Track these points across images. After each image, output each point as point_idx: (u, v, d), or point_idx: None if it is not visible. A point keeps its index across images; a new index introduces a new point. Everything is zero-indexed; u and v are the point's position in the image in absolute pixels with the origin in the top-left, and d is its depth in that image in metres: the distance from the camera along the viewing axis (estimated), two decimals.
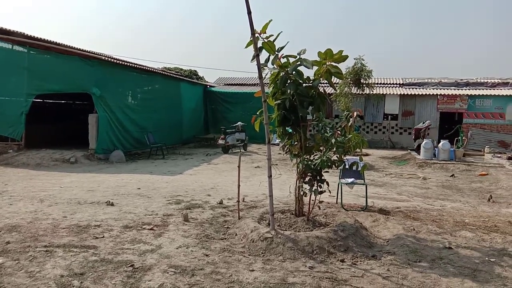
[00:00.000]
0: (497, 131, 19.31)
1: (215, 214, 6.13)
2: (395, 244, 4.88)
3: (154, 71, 17.90)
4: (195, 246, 4.58)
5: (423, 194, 8.98)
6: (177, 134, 18.65)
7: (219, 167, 12.41)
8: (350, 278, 3.82)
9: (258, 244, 4.64)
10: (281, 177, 9.11)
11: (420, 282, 3.76)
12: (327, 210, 6.16)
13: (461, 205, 7.74)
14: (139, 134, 15.17)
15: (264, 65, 4.98)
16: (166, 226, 5.43)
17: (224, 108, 21.96)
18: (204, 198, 7.37)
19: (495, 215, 6.70)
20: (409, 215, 6.50)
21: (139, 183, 8.87)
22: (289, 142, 5.59)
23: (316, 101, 5.30)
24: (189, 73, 30.31)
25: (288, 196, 6.91)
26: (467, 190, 9.63)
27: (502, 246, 4.89)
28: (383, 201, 7.70)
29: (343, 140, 5.33)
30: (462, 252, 4.65)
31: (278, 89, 5.28)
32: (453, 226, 5.85)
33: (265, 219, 5.57)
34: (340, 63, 5.12)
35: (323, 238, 4.70)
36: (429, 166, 13.31)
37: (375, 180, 10.66)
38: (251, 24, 4.50)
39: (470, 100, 19.77)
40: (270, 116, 5.39)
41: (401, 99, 20.62)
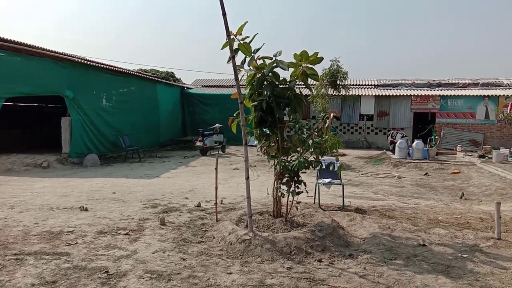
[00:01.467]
0: (468, 130, 19.95)
1: (192, 217, 6.06)
2: (371, 243, 4.95)
3: (129, 73, 17.61)
4: (172, 250, 4.51)
5: (398, 192, 9.16)
6: (154, 137, 18.40)
7: (197, 169, 12.31)
8: (328, 277, 3.85)
9: (236, 247, 4.62)
10: (259, 178, 9.13)
11: (396, 279, 3.82)
12: (305, 211, 6.20)
13: (434, 202, 7.94)
14: (114, 137, 14.87)
15: (241, 67, 4.98)
16: (142, 230, 5.33)
17: (201, 110, 21.81)
18: (182, 201, 7.28)
19: (467, 212, 6.91)
20: (385, 214, 6.62)
21: (115, 187, 8.70)
22: (266, 143, 5.60)
23: (293, 103, 5.33)
24: (166, 74, 30.01)
25: (266, 197, 6.92)
26: (440, 188, 9.89)
27: (474, 242, 5.03)
28: (359, 201, 7.82)
29: (320, 141, 5.38)
30: (435, 249, 4.76)
31: (254, 91, 5.29)
32: (427, 223, 6.00)
33: (243, 221, 5.55)
34: (315, 64, 5.18)
35: (301, 238, 4.73)
36: (403, 165, 13.60)
37: (352, 180, 10.81)
38: (226, 26, 4.48)
39: (442, 101, 20.34)
40: (247, 118, 5.39)
41: (376, 100, 21.01)
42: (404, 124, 20.68)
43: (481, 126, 19.86)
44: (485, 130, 19.77)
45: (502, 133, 19.50)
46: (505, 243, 5.00)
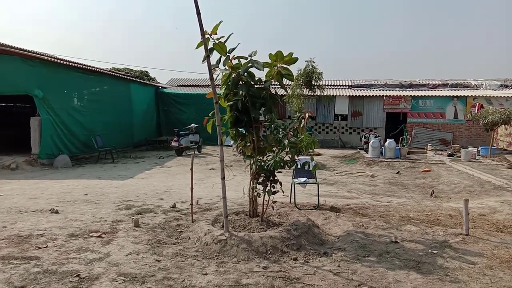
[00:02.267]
0: (438, 129, 20.60)
1: (167, 218, 5.99)
2: (345, 240, 5.03)
3: (102, 72, 17.20)
4: (146, 252, 4.45)
5: (371, 191, 9.35)
6: (127, 137, 18.06)
7: (173, 170, 12.17)
8: (303, 276, 3.89)
9: (212, 247, 4.60)
10: (236, 178, 9.11)
11: (369, 276, 3.90)
12: (280, 210, 6.25)
13: (406, 200, 8.15)
14: (86, 137, 14.51)
15: (216, 66, 4.96)
16: (115, 233, 5.23)
17: (177, 109, 21.58)
18: (157, 202, 7.18)
19: (437, 209, 7.12)
20: (358, 212, 6.75)
21: (86, 188, 8.48)
22: (242, 143, 5.60)
23: (268, 103, 5.35)
24: (140, 74, 29.50)
25: (242, 197, 6.92)
26: (411, 186, 10.16)
27: (443, 239, 5.20)
28: (334, 199, 7.93)
29: (296, 141, 5.42)
30: (407, 245, 4.89)
31: (230, 91, 5.27)
32: (399, 221, 6.15)
33: (219, 221, 5.54)
34: (290, 65, 5.21)
35: (276, 237, 4.75)
36: (376, 164, 13.90)
37: (327, 179, 10.96)
38: (200, 25, 4.46)
39: (414, 101, 20.92)
40: (223, 118, 5.38)
41: (350, 100, 21.38)
42: (377, 124, 21.14)
43: (450, 126, 20.56)
44: (454, 130, 20.47)
45: (470, 132, 20.25)
46: (473, 239, 5.19)
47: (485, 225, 5.98)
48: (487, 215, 6.61)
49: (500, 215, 6.55)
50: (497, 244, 5.00)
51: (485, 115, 16.02)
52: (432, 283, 3.75)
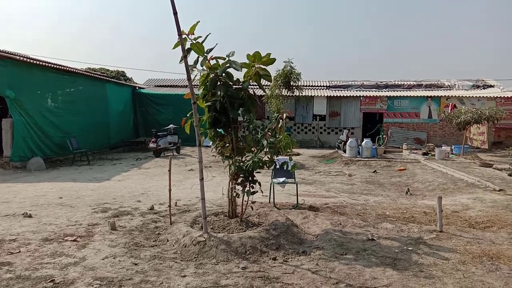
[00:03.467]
0: (413, 129, 21.11)
1: (145, 221, 5.91)
2: (323, 239, 5.09)
3: (76, 72, 16.80)
4: (123, 256, 4.37)
5: (349, 190, 9.49)
6: (104, 138, 17.71)
7: (150, 171, 12.01)
8: (282, 275, 3.91)
9: (191, 249, 4.56)
10: (215, 179, 9.08)
11: (346, 274, 3.96)
12: (260, 210, 6.26)
13: (382, 198, 8.32)
14: (61, 139, 14.15)
15: (193, 67, 4.93)
16: (91, 236, 5.12)
17: (155, 110, 21.31)
18: (134, 204, 7.08)
19: (412, 207, 7.30)
20: (336, 211, 6.84)
21: (61, 192, 8.27)
22: (220, 144, 5.58)
23: (247, 103, 5.36)
24: (116, 74, 28.98)
25: (221, 198, 6.91)
26: (387, 185, 10.37)
27: (418, 235, 5.33)
28: (313, 198, 8.01)
29: (274, 141, 5.45)
30: (383, 243, 4.99)
31: (208, 91, 5.25)
32: (375, 218, 6.27)
33: (198, 223, 5.50)
34: (268, 65, 5.24)
35: (255, 238, 4.76)
36: (354, 163, 14.11)
37: (306, 179, 11.05)
38: (177, 25, 4.42)
39: (389, 101, 21.36)
40: (201, 118, 5.35)
41: (328, 101, 21.64)
42: (354, 123, 21.48)
43: (425, 125, 21.09)
44: (429, 129, 21.01)
45: (444, 131, 20.83)
46: (446, 235, 5.34)
47: (458, 221, 6.16)
48: (460, 212, 6.82)
49: (473, 212, 6.77)
50: (469, 240, 5.16)
51: (458, 115, 16.51)
52: (408, 279, 3.84)
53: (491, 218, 6.21)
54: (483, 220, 6.17)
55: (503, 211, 6.63)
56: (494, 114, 15.70)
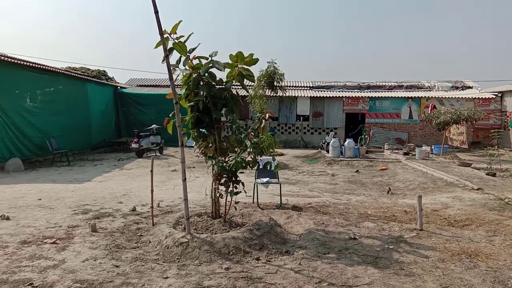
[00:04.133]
0: (395, 129, 21.46)
1: (127, 222, 5.83)
2: (306, 239, 5.12)
3: (56, 71, 16.44)
4: (104, 258, 4.30)
5: (331, 189, 9.58)
6: (84, 139, 17.40)
7: (133, 172, 11.86)
8: (265, 275, 3.91)
9: (173, 250, 4.52)
10: (198, 179, 9.03)
11: (329, 273, 3.99)
12: (243, 210, 6.26)
13: (364, 198, 8.42)
14: (40, 140, 13.83)
15: (176, 66, 4.89)
16: (71, 238, 5.02)
17: (137, 110, 21.04)
18: (115, 205, 6.97)
19: (393, 206, 7.41)
20: (320, 210, 6.89)
21: (40, 193, 8.09)
22: (203, 144, 5.55)
23: (230, 103, 5.35)
24: (98, 73, 28.48)
25: (205, 198, 6.87)
26: (369, 184, 10.51)
27: (399, 234, 5.42)
28: (296, 198, 8.05)
29: (258, 141, 5.45)
30: (365, 241, 5.05)
31: (190, 91, 5.22)
32: (357, 218, 6.34)
33: (181, 224, 5.46)
34: (251, 65, 5.24)
35: (239, 238, 4.75)
36: (337, 163, 14.25)
37: (289, 179, 11.10)
38: (158, 24, 4.37)
39: (371, 102, 21.66)
40: (184, 118, 5.31)
41: (311, 101, 21.79)
42: (337, 124, 21.69)
43: (406, 126, 21.47)
44: (409, 129, 21.39)
45: (424, 131, 21.24)
46: (426, 234, 5.44)
47: (438, 220, 6.29)
48: (440, 210, 6.96)
49: (452, 210, 6.92)
50: (448, 238, 5.27)
51: (437, 115, 16.88)
52: (389, 277, 3.90)
53: (469, 217, 6.36)
54: (462, 218, 6.32)
55: (481, 210, 6.80)
56: (472, 114, 16.11)
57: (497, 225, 5.83)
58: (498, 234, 5.42)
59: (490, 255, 4.55)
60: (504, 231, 5.50)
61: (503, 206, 7.00)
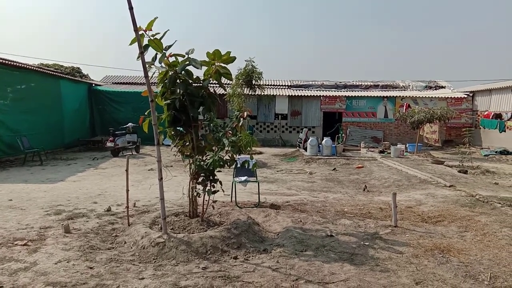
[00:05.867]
0: (371, 128, 21.84)
1: (101, 223, 5.71)
2: (284, 237, 5.15)
3: (28, 68, 15.90)
4: (77, 259, 4.19)
5: (309, 187, 9.65)
6: (58, 137, 16.92)
7: (108, 171, 11.61)
8: (242, 274, 3.90)
9: (150, 250, 4.46)
10: (176, 178, 8.94)
11: (306, 270, 4.02)
12: (221, 209, 6.23)
13: (341, 195, 8.53)
14: (10, 139, 13.35)
15: (151, 64, 4.81)
16: (43, 240, 4.87)
17: (112, 108, 20.60)
18: (90, 206, 6.81)
19: (369, 203, 7.54)
20: (297, 208, 6.93)
21: (11, 194, 7.81)
22: (180, 143, 5.49)
23: (207, 101, 5.30)
24: (71, 70, 27.74)
25: (182, 197, 6.81)
26: (346, 182, 10.65)
27: (374, 230, 5.52)
28: (274, 197, 8.08)
29: (236, 140, 5.44)
30: (341, 238, 5.12)
31: (167, 89, 5.15)
32: (334, 215, 6.42)
33: (157, 224, 5.39)
34: (228, 64, 5.20)
35: (217, 237, 4.73)
36: (314, 162, 14.38)
37: (268, 177, 11.12)
38: (133, 20, 4.28)
39: (348, 101, 21.97)
40: (160, 117, 5.23)
41: (289, 100, 21.91)
42: (315, 122, 21.90)
43: (381, 124, 21.89)
44: (385, 128, 21.82)
45: (399, 130, 21.71)
46: (401, 230, 5.56)
47: (412, 216, 6.43)
48: (414, 207, 7.12)
49: (425, 207, 7.09)
50: (422, 234, 5.40)
51: (412, 114, 17.29)
52: (364, 274, 3.96)
53: (442, 213, 6.54)
54: (435, 214, 6.49)
55: (453, 206, 7.00)
56: (445, 113, 16.59)
57: (468, 221, 6.01)
58: (469, 229, 5.60)
59: (462, 250, 4.69)
60: (475, 227, 5.68)
61: (474, 202, 7.23)
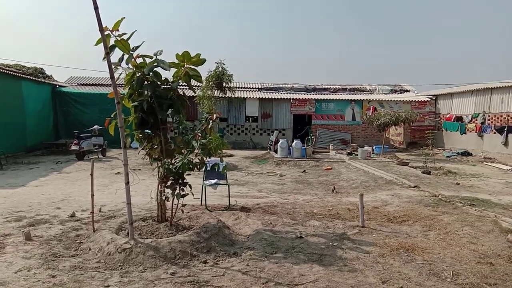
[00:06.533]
0: (339, 130, 22.28)
1: (65, 229, 5.50)
2: (254, 239, 5.14)
3: None
4: (39, 268, 4.01)
5: (279, 189, 9.71)
6: (19, 140, 16.18)
7: (72, 175, 11.22)
8: (212, 278, 3.86)
9: (116, 257, 4.33)
10: (144, 182, 8.75)
11: (276, 272, 4.03)
12: (191, 213, 6.15)
13: (311, 197, 8.63)
14: None
15: (118, 65, 4.69)
16: (2, 248, 4.64)
17: (78, 110, 19.95)
18: (53, 212, 6.55)
19: (337, 204, 7.66)
20: (268, 210, 6.95)
21: None
22: (148, 145, 5.38)
23: (176, 104, 5.23)
24: (34, 71, 26.64)
25: (150, 201, 6.67)
26: (315, 184, 10.79)
27: (343, 231, 5.61)
28: (245, 199, 8.06)
29: (206, 142, 5.39)
30: (311, 240, 5.17)
31: (134, 91, 5.04)
32: (304, 217, 6.48)
33: (124, 229, 5.24)
34: (198, 66, 5.16)
35: (186, 242, 4.66)
36: (285, 164, 14.49)
37: (238, 180, 11.10)
38: (98, 20, 4.17)
39: (317, 104, 22.32)
40: (127, 119, 5.11)
41: (260, 103, 22.01)
42: (285, 125, 22.09)
43: (349, 127, 22.38)
44: (352, 130, 22.32)
45: (366, 132, 22.26)
46: (368, 230, 5.69)
47: (378, 216, 6.60)
48: (380, 207, 7.31)
49: (391, 207, 7.29)
50: (388, 233, 5.55)
51: (378, 117, 17.78)
52: (333, 274, 4.02)
53: (407, 213, 6.74)
54: (400, 214, 6.68)
55: (417, 206, 7.24)
56: (409, 116, 17.18)
57: (431, 220, 6.23)
58: (432, 229, 5.80)
59: (426, 249, 4.85)
60: (438, 226, 5.89)
61: (437, 202, 7.50)
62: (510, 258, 4.53)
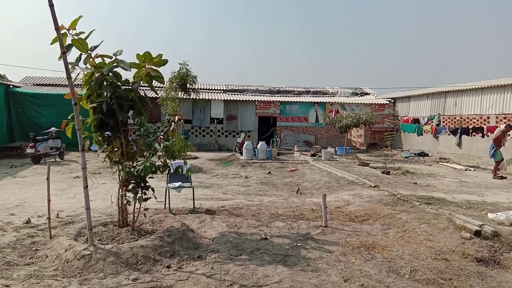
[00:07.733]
0: (303, 132, 22.63)
1: (19, 236, 5.22)
2: (219, 242, 5.11)
3: None
4: None
5: (245, 191, 9.72)
6: None
7: (28, 180, 10.68)
8: (175, 283, 3.80)
9: (74, 264, 4.16)
10: (105, 186, 8.49)
11: (240, 274, 4.02)
12: (154, 217, 6.02)
13: (276, 198, 8.70)
14: None
15: (75, 65, 4.52)
16: None
17: (33, 111, 19.03)
18: (6, 218, 6.20)
19: (301, 205, 7.77)
20: (233, 213, 6.94)
21: None
22: (108, 148, 5.22)
23: (137, 105, 5.10)
24: None
25: (111, 206, 6.47)
26: (280, 185, 10.90)
27: (306, 231, 5.69)
28: (210, 202, 8.00)
29: (169, 145, 5.30)
30: (275, 241, 5.21)
31: (93, 91, 4.87)
32: (269, 218, 6.52)
33: (83, 235, 5.05)
34: (160, 66, 5.07)
35: (148, 246, 4.56)
36: (250, 166, 14.53)
37: (203, 182, 11.00)
38: (54, 18, 4.00)
39: (282, 106, 22.57)
40: (86, 121, 4.93)
41: (225, 104, 21.95)
42: (250, 127, 22.16)
43: (313, 129, 22.79)
44: (316, 132, 22.75)
45: (329, 134, 22.76)
46: (330, 230, 5.80)
47: (341, 216, 6.75)
48: (342, 207, 7.48)
49: (353, 207, 7.48)
50: (350, 232, 5.69)
51: (340, 119, 18.23)
52: (297, 274, 4.06)
53: (367, 212, 6.94)
54: (361, 214, 6.87)
55: (377, 205, 7.47)
56: (370, 118, 17.74)
57: (391, 218, 6.45)
58: (391, 227, 6.01)
59: (385, 247, 5.01)
60: (397, 224, 6.11)
61: (396, 201, 7.78)
62: (463, 254, 4.77)
